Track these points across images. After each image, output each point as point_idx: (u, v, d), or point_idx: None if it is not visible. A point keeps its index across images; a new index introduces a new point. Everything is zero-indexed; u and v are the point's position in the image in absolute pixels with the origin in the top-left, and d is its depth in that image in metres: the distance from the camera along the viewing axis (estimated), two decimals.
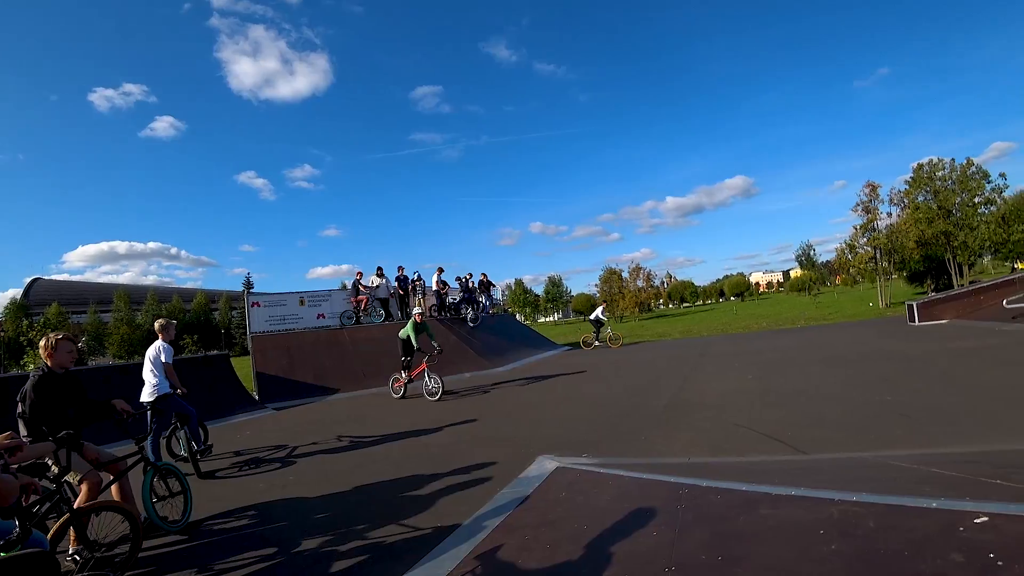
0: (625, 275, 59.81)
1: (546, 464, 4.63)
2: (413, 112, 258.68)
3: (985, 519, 1.92)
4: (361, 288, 16.70)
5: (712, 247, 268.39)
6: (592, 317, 21.25)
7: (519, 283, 79.76)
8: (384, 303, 17.01)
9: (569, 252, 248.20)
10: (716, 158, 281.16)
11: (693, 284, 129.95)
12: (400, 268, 17.80)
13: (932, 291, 29.14)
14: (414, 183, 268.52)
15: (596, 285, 71.24)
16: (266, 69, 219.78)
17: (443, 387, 10.39)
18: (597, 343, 20.33)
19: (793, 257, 78.02)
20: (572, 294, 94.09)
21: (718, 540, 2.32)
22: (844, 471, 3.71)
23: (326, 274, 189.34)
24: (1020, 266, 38.49)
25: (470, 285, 19.38)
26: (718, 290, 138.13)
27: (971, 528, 1.89)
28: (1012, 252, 38.95)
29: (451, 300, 18.48)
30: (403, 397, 10.78)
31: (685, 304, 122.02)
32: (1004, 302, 14.20)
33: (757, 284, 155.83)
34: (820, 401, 7.06)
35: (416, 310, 11.12)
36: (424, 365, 10.46)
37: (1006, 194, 31.67)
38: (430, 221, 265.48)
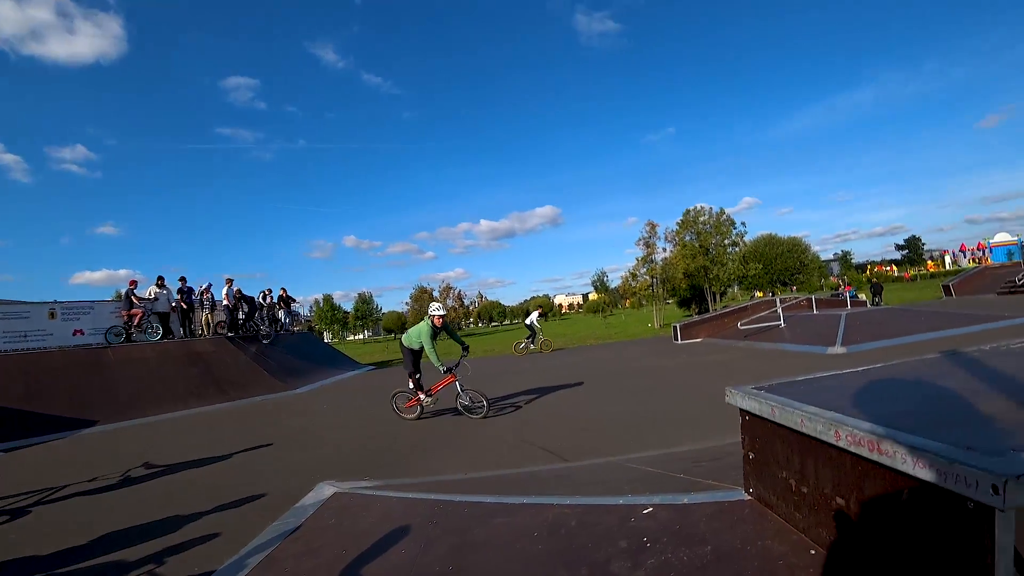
0: (436, 294, 60.67)
1: (324, 490, 4.53)
2: (222, 103, 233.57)
3: (650, 509, 2.43)
4: (135, 300, 14.47)
5: (522, 269, 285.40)
6: (527, 322, 21.55)
7: (327, 299, 75.55)
8: (163, 318, 14.97)
9: (383, 269, 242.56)
10: (529, 187, 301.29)
11: (501, 304, 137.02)
12: (182, 279, 15.85)
13: (696, 314, 34.65)
14: (217, 182, 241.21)
15: (407, 303, 70.94)
16: (34, 18, 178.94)
17: (488, 403, 8.38)
18: (531, 346, 20.60)
19: (590, 282, 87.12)
20: (383, 312, 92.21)
21: (455, 551, 2.54)
22: (584, 476, 4.29)
23: (97, 280, 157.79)
24: (759, 295, 48.07)
25: (268, 300, 18.06)
26: (525, 310, 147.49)
27: (639, 518, 2.38)
28: (751, 284, 49.38)
29: (241, 316, 16.91)
30: (419, 418, 8.60)
31: (493, 323, 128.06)
32: (739, 324, 17.58)
33: (560, 305, 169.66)
34: (594, 413, 8.01)
35: (435, 310, 8.48)
36: (452, 377, 8.37)
37: (747, 239, 40.63)
38: (233, 226, 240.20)
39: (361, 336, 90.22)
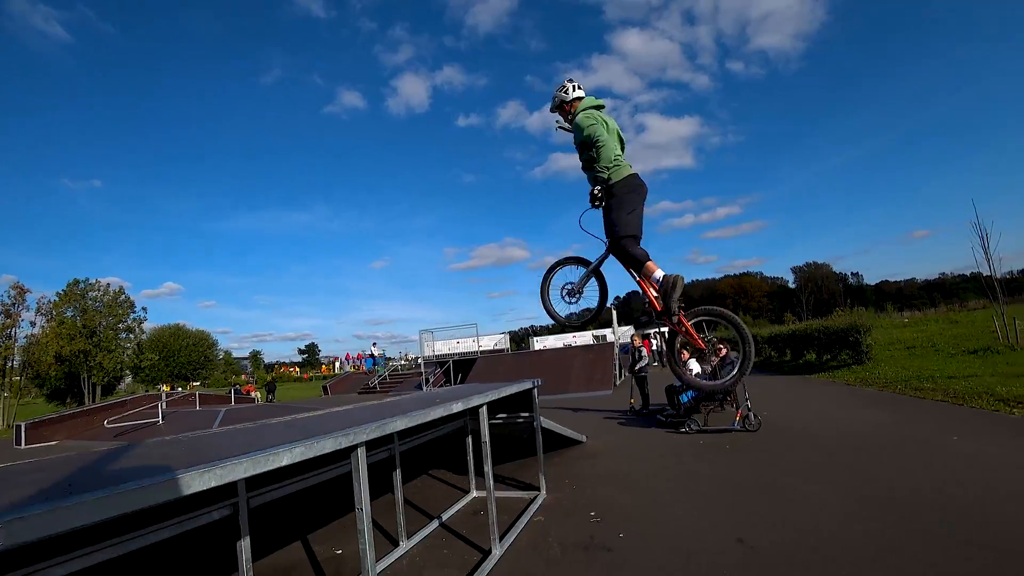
0: None
1: None
2: None
3: None
4: None
5: None
6: None
7: None
8: None
9: None
10: None
11: None
12: None
13: (76, 408, 28.56)
14: None
15: None
16: None
17: None
18: None
19: None
20: None
21: None
22: None
23: None
24: (166, 388, 43.83)
25: None
26: None
27: None
28: (148, 376, 44.41)
29: None
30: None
31: None
32: (106, 422, 15.31)
33: None
34: None
35: None
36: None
37: (145, 325, 36.89)
38: None
39: None
